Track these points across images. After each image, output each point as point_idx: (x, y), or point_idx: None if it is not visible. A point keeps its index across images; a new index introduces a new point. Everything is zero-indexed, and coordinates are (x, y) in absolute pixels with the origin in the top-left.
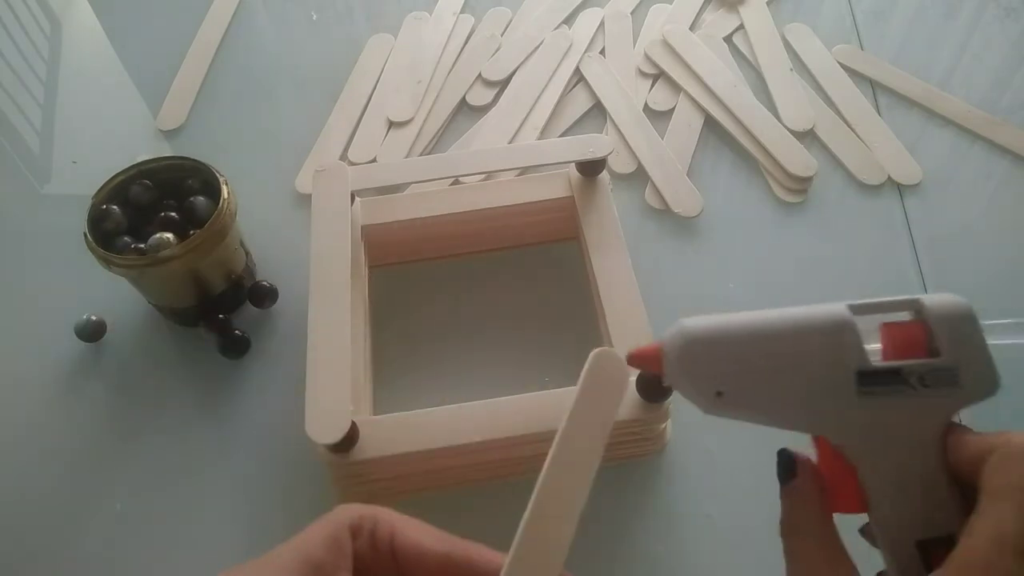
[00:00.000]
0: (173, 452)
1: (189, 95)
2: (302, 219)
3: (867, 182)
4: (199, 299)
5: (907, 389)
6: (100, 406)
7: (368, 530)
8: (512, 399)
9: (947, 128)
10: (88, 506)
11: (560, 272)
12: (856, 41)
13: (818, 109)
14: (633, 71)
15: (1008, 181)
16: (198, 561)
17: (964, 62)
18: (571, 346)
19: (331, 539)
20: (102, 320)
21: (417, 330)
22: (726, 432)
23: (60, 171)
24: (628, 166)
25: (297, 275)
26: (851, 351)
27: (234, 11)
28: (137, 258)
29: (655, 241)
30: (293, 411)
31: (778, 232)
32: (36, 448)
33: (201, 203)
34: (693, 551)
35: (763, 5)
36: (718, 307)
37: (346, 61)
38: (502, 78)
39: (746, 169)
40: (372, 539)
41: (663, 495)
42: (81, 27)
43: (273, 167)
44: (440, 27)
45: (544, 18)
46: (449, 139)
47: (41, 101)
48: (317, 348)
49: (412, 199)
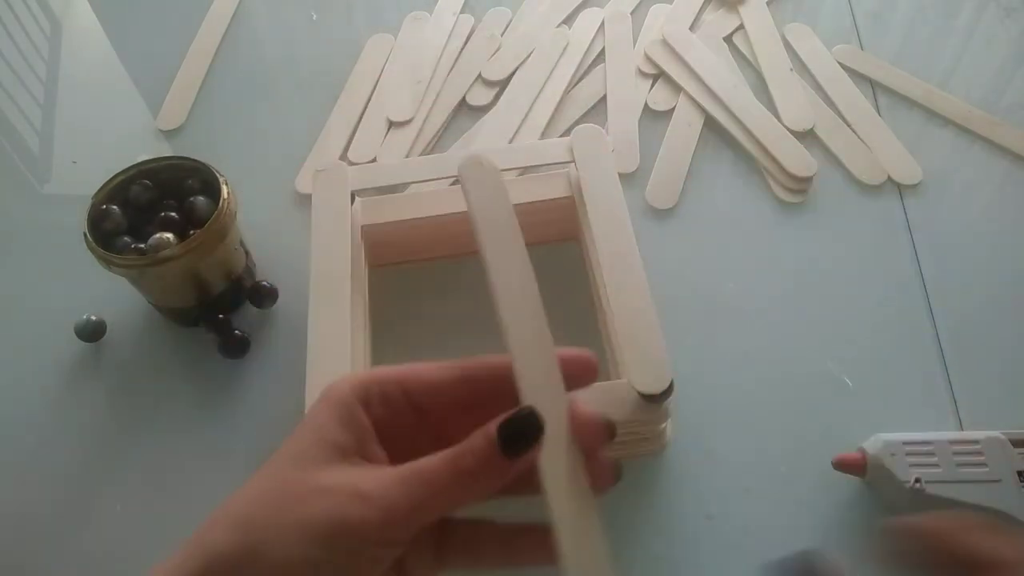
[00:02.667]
0: (173, 452)
1: (189, 95)
2: (302, 219)
3: (867, 182)
4: (199, 299)
5: None
6: (100, 406)
7: (377, 394)
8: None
9: (947, 128)
10: (88, 506)
11: (560, 272)
12: (856, 41)
13: (818, 109)
14: (633, 71)
15: (1008, 181)
16: None
17: (964, 62)
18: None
19: (345, 417)
20: (102, 320)
21: (417, 330)
22: (726, 432)
23: (60, 171)
24: (629, 166)
25: (297, 275)
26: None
27: (234, 11)
28: (137, 258)
29: (654, 240)
30: (293, 411)
31: (778, 232)
32: (36, 448)
33: (201, 203)
34: (693, 551)
35: (763, 5)
36: (717, 307)
37: (346, 61)
38: (502, 78)
39: (746, 169)
40: (385, 400)
41: (663, 495)
42: (81, 27)
43: (273, 167)
44: (440, 27)
45: (544, 18)
46: (449, 139)
47: (41, 101)
48: (317, 348)
49: (412, 199)
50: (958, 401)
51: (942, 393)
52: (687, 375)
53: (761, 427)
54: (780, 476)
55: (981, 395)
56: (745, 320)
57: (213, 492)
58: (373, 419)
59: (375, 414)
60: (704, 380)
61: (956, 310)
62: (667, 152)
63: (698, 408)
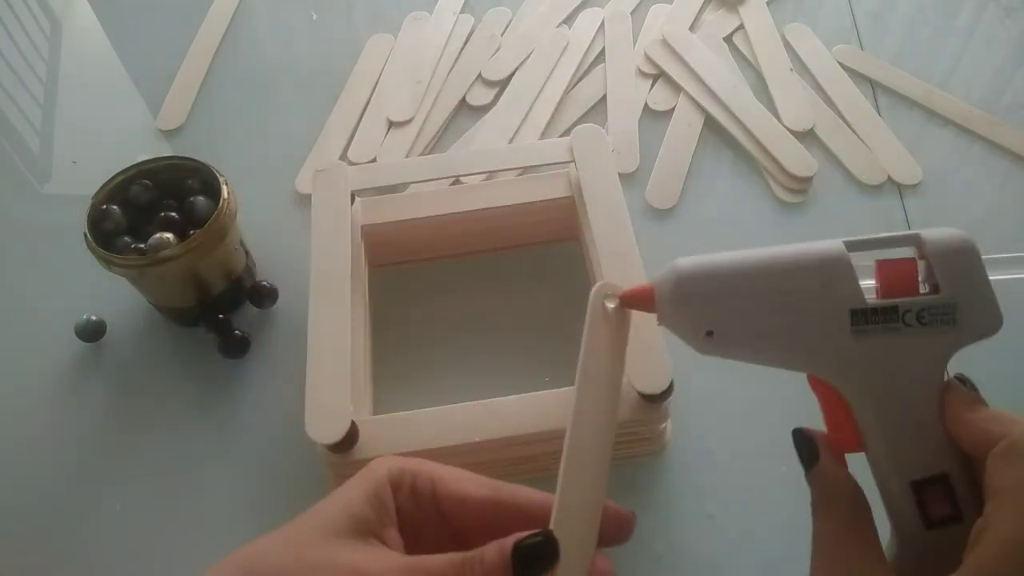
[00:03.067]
0: (173, 452)
1: (189, 95)
2: (302, 219)
3: (867, 182)
4: (199, 299)
5: (903, 327)
6: (100, 406)
7: (408, 484)
8: (512, 399)
9: (947, 128)
10: (88, 506)
11: (560, 272)
12: (856, 41)
13: (818, 109)
14: (633, 71)
15: (1008, 181)
16: (198, 561)
17: (964, 62)
18: (571, 346)
19: (373, 496)
20: (102, 320)
21: (417, 330)
22: (726, 432)
23: (60, 171)
24: (629, 166)
25: (297, 275)
26: (844, 288)
27: (234, 11)
28: (137, 258)
29: (654, 240)
30: (293, 411)
31: (778, 232)
32: (36, 448)
33: (201, 203)
34: (693, 551)
35: (763, 5)
36: None
37: (346, 61)
38: (502, 78)
39: (746, 169)
40: (414, 493)
41: (663, 495)
42: (81, 27)
43: (273, 167)
44: (440, 27)
45: (544, 18)
46: (449, 139)
47: (41, 101)
48: (317, 348)
49: (412, 199)
50: None
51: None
52: (687, 375)
53: (761, 427)
54: (780, 476)
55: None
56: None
57: (213, 492)
58: (398, 505)
59: (401, 501)
60: (704, 380)
61: None
62: (667, 152)
63: (698, 408)
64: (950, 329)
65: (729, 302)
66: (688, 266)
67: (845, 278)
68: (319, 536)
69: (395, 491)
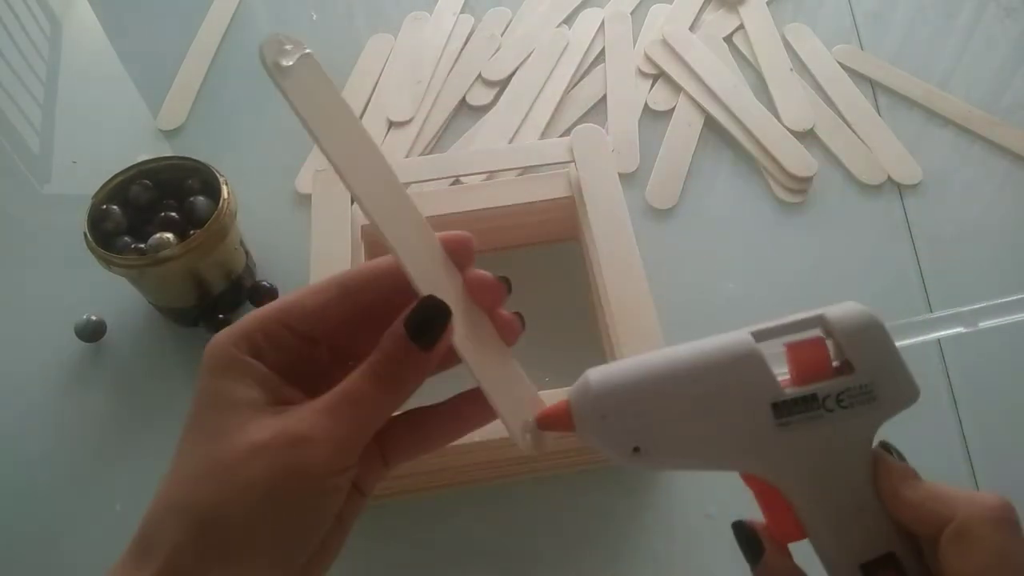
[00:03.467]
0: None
1: (189, 95)
2: (302, 219)
3: (867, 182)
4: (199, 299)
5: (824, 413)
6: (100, 406)
7: (262, 338)
8: None
9: (947, 128)
10: (88, 506)
11: (560, 272)
12: (856, 41)
13: (818, 109)
14: (633, 71)
15: (1008, 181)
16: None
17: (964, 62)
18: (571, 346)
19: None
20: (102, 320)
21: None
22: None
23: (60, 171)
24: (629, 166)
25: (297, 275)
26: (761, 383)
27: (234, 11)
28: (137, 258)
29: (654, 240)
30: None
31: (778, 232)
32: (36, 448)
33: (201, 203)
34: (693, 551)
35: (763, 5)
36: (717, 307)
37: (346, 61)
38: (502, 78)
39: (746, 169)
40: (273, 342)
41: (663, 495)
42: (81, 27)
43: (273, 167)
44: (440, 27)
45: (544, 18)
46: (449, 139)
47: (41, 101)
48: None
49: None
50: (958, 400)
51: (942, 392)
52: None
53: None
54: None
55: (981, 393)
56: (745, 320)
57: None
58: (270, 363)
59: (270, 358)
60: None
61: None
62: (667, 152)
63: None
64: (870, 407)
65: (651, 415)
66: (601, 380)
67: (760, 372)
68: (228, 437)
69: (256, 354)
